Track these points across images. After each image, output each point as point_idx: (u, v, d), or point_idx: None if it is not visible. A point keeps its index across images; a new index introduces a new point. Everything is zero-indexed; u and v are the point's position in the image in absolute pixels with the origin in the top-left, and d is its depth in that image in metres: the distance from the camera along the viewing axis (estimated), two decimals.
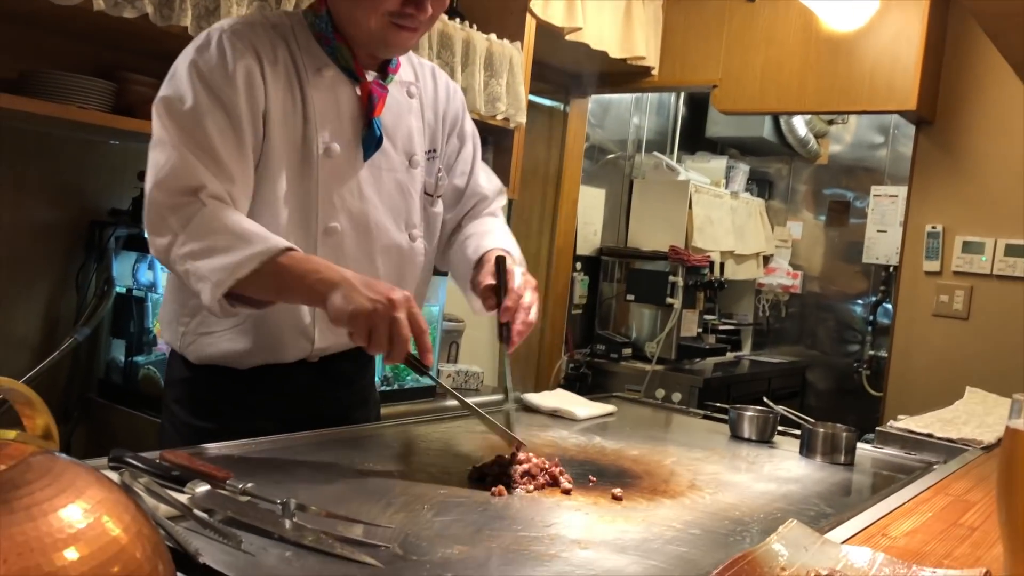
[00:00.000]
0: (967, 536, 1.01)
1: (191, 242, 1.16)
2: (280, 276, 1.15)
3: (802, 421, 1.53)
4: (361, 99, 1.33)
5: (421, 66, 1.48)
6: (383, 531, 0.89)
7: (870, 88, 3.18)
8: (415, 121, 1.42)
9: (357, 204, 1.34)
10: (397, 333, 1.09)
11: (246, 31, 1.26)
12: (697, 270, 3.92)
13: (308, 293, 1.15)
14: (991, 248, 3.20)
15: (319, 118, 1.29)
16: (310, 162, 1.29)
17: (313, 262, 1.17)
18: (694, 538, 0.98)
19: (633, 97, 4.32)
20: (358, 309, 1.09)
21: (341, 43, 1.32)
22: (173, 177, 1.19)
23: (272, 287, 1.17)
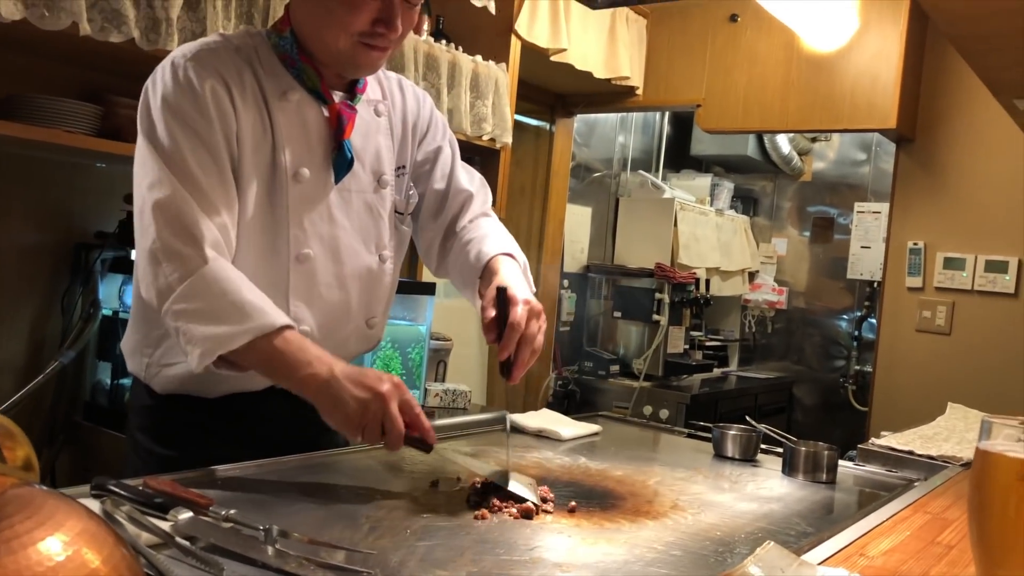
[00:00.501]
0: (944, 555, 1.02)
1: (186, 301, 1.14)
2: (271, 359, 1.13)
3: (784, 439, 1.54)
4: (330, 121, 1.31)
5: (388, 79, 1.45)
6: (365, 557, 0.89)
7: (851, 107, 3.22)
8: (384, 140, 1.39)
9: (327, 229, 1.32)
10: (392, 428, 1.09)
11: (209, 57, 1.24)
12: (683, 287, 3.94)
13: (298, 386, 1.13)
14: (972, 264, 3.24)
15: (288, 143, 1.27)
16: (280, 188, 1.27)
17: (305, 350, 1.14)
18: (675, 560, 0.98)
19: (618, 116, 4.36)
20: (349, 413, 1.09)
21: (307, 64, 1.29)
22: (170, 213, 1.16)
23: (261, 366, 1.15)
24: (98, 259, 2.14)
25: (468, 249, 1.41)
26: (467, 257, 1.40)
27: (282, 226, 1.27)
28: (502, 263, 1.35)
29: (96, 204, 2.22)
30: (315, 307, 1.32)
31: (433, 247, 1.50)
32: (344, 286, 1.35)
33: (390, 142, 1.41)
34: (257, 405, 1.34)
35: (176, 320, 1.15)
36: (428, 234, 1.50)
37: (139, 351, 1.34)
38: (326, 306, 1.34)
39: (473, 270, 1.38)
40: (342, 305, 1.36)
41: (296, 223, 1.28)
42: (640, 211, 4.23)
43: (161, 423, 1.34)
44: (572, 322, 4.12)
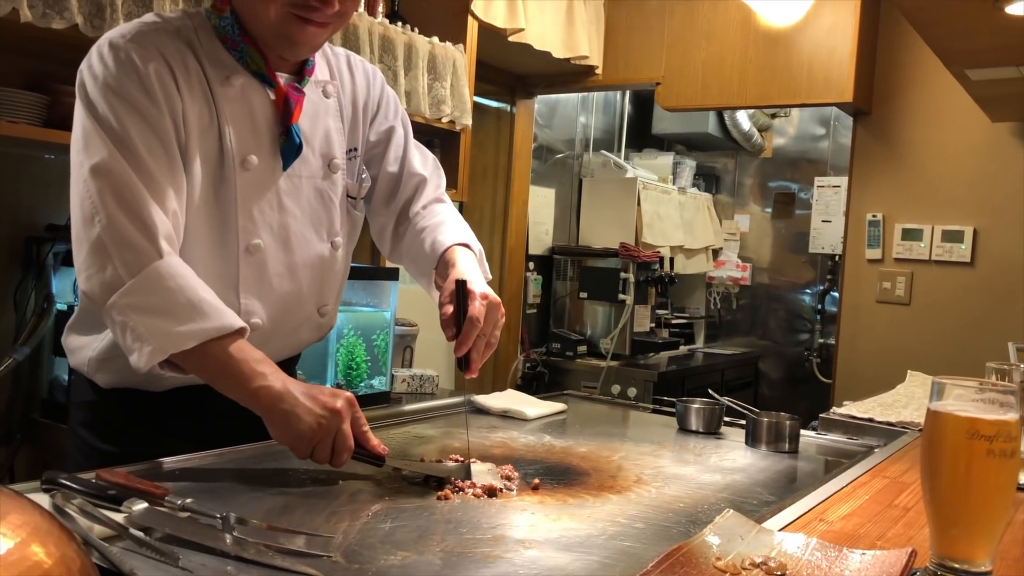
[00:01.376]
0: (901, 517, 1.04)
1: (137, 295, 1.08)
2: (223, 365, 1.09)
3: (747, 411, 1.55)
4: (276, 105, 1.25)
5: (336, 57, 1.40)
6: (325, 540, 0.88)
7: (808, 81, 3.25)
8: (333, 122, 1.34)
9: (277, 217, 1.27)
10: (341, 446, 1.08)
11: (150, 38, 1.17)
12: (648, 266, 3.96)
13: (248, 397, 1.09)
14: (929, 234, 3.29)
15: (234, 129, 1.21)
16: (227, 177, 1.21)
17: (260, 361, 1.10)
18: (638, 532, 0.99)
19: (579, 96, 4.36)
20: (301, 431, 1.07)
21: (250, 46, 1.22)
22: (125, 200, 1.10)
23: (209, 371, 1.11)
24: (50, 252, 2.09)
25: (423, 237, 1.38)
26: (421, 246, 1.38)
27: (230, 216, 1.22)
28: (459, 254, 1.32)
29: (46, 196, 2.17)
30: (266, 299, 1.28)
31: (386, 232, 1.47)
32: (295, 276, 1.31)
33: (340, 124, 1.36)
34: (205, 398, 1.28)
35: (123, 314, 1.08)
36: (381, 219, 1.47)
37: (83, 344, 1.29)
38: (277, 297, 1.29)
39: (428, 259, 1.35)
40: (293, 295, 1.32)
41: (245, 213, 1.23)
42: (603, 191, 4.23)
43: (105, 418, 1.30)
44: (539, 304, 4.12)
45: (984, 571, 0.78)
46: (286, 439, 1.09)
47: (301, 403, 1.07)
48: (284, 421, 1.08)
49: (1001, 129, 3.17)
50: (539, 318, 4.16)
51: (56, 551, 0.60)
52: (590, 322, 4.08)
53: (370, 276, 2.79)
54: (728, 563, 0.77)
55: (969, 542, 0.77)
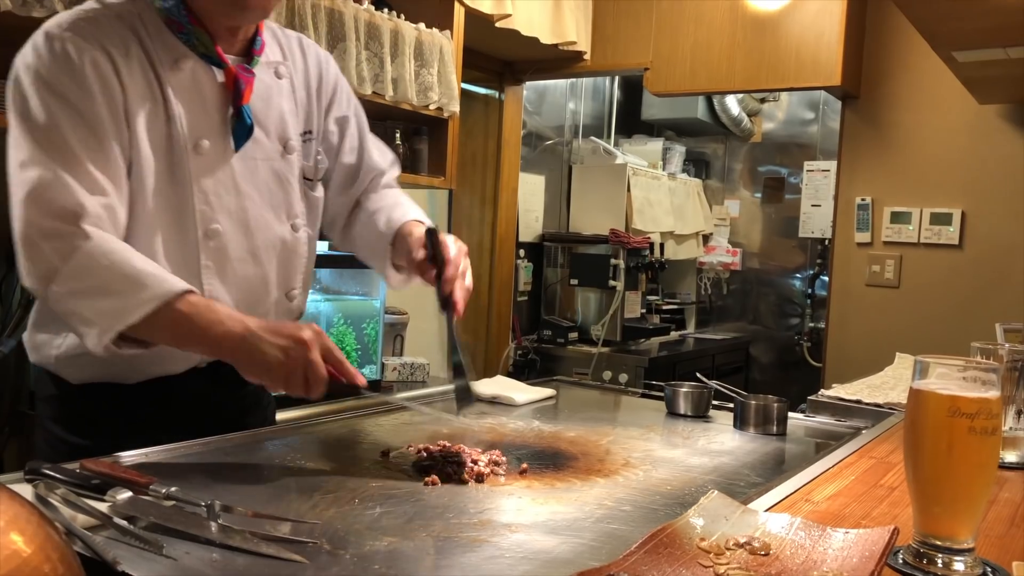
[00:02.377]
0: (886, 496, 1.05)
1: (73, 280, 1.07)
2: (178, 325, 1.08)
3: (735, 394, 1.56)
4: (226, 86, 1.23)
5: (287, 39, 1.38)
6: (311, 527, 0.88)
7: (796, 65, 3.24)
8: (286, 103, 1.32)
9: (235, 201, 1.25)
10: (314, 376, 1.06)
11: (88, 27, 1.14)
12: (638, 252, 3.96)
13: (212, 347, 1.09)
14: (917, 217, 3.30)
15: (184, 113, 1.19)
16: (180, 161, 1.19)
17: (213, 310, 1.09)
18: (625, 515, 0.99)
19: (568, 83, 4.34)
20: (269, 364, 1.05)
21: (197, 27, 1.20)
22: (46, 195, 1.08)
23: (168, 335, 1.10)
24: None
25: (376, 218, 1.39)
26: (375, 225, 1.38)
27: (187, 202, 1.21)
28: (415, 227, 1.33)
29: None
30: (230, 283, 1.26)
31: (338, 220, 1.47)
32: (259, 259, 1.29)
33: (293, 105, 1.34)
34: (178, 388, 1.28)
35: (65, 303, 1.08)
36: (333, 208, 1.46)
37: (46, 342, 1.26)
38: (242, 281, 1.28)
39: (383, 237, 1.36)
40: (259, 279, 1.31)
41: (201, 197, 1.21)
42: (593, 178, 4.23)
43: (76, 412, 1.27)
44: (529, 291, 4.12)
45: (967, 548, 0.78)
46: (256, 375, 1.08)
47: (264, 338, 1.06)
48: (250, 358, 1.07)
49: (989, 111, 3.18)
50: (530, 305, 4.16)
51: (36, 540, 0.59)
52: (581, 309, 4.08)
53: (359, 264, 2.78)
54: (712, 543, 0.77)
55: (952, 519, 0.78)
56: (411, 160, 2.83)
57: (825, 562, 0.73)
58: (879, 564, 0.69)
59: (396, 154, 2.75)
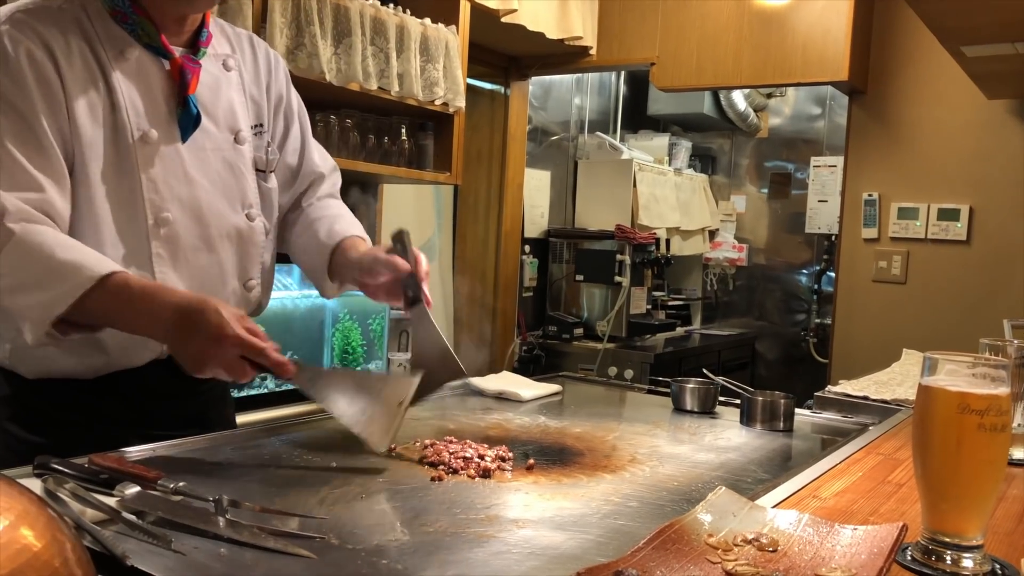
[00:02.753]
0: (894, 492, 1.04)
1: (2, 277, 1.08)
2: (108, 310, 1.10)
3: (741, 391, 1.56)
4: (172, 76, 1.23)
5: (237, 36, 1.38)
6: (319, 523, 0.88)
7: (803, 60, 3.23)
8: (236, 95, 1.33)
9: (186, 190, 1.24)
10: (240, 372, 1.08)
11: (27, 20, 1.14)
12: (644, 247, 3.95)
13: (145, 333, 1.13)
14: (924, 213, 3.29)
15: (129, 104, 1.19)
16: (126, 152, 1.19)
17: (143, 295, 1.10)
18: (632, 511, 0.99)
19: (574, 78, 4.33)
20: (194, 369, 1.08)
21: (142, 17, 1.20)
22: None
23: (102, 319, 1.12)
24: None
25: (317, 227, 1.41)
26: (315, 234, 1.40)
27: (136, 192, 1.20)
28: (359, 244, 1.37)
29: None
30: (183, 272, 1.26)
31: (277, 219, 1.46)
32: (213, 248, 1.29)
33: (243, 97, 1.35)
34: (137, 381, 1.27)
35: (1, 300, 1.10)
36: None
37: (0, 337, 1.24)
38: (196, 270, 1.27)
39: (322, 246, 1.39)
40: (214, 268, 1.30)
41: (150, 187, 1.21)
42: (599, 173, 4.22)
43: (30, 410, 1.25)
44: (535, 287, 4.12)
45: (975, 545, 0.78)
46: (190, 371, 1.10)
47: (181, 340, 1.08)
48: (180, 356, 1.10)
49: (997, 106, 3.16)
50: (535, 301, 4.16)
51: (46, 534, 0.60)
52: (586, 305, 4.07)
53: None
54: (720, 540, 0.77)
55: (960, 516, 0.77)
56: (416, 156, 2.82)
57: (834, 559, 0.73)
58: (888, 561, 0.69)
59: (402, 150, 2.77)
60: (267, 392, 2.40)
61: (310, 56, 2.31)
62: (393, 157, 2.73)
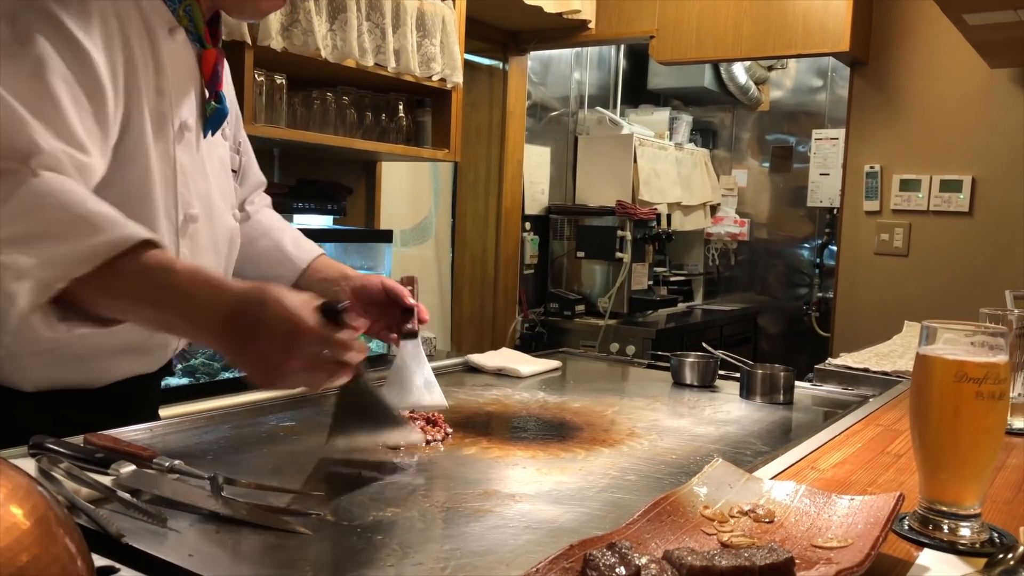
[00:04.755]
0: (892, 463, 1.04)
1: (9, 224, 0.86)
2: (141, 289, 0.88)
3: (741, 364, 1.55)
4: (204, 67, 1.14)
5: None
6: (315, 498, 0.88)
7: (804, 31, 3.19)
8: (228, 88, 1.26)
9: (203, 187, 1.16)
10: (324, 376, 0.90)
11: None
12: (645, 223, 3.94)
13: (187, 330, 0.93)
14: (927, 185, 3.27)
15: (173, 89, 1.08)
16: (166, 139, 1.08)
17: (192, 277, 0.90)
18: (629, 484, 0.99)
19: (573, 52, 4.30)
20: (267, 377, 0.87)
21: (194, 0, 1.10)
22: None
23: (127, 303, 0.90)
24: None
25: (278, 236, 1.37)
26: (277, 243, 1.35)
27: (170, 184, 1.10)
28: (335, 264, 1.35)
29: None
30: None
31: None
32: (219, 250, 1.22)
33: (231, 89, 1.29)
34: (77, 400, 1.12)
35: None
36: None
37: None
38: None
39: (290, 258, 1.34)
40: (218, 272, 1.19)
41: (182, 181, 1.11)
42: (599, 149, 4.19)
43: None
44: (536, 264, 4.11)
45: (973, 513, 0.77)
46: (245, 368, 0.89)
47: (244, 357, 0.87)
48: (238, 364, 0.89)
49: (1000, 75, 3.13)
50: (536, 278, 4.15)
51: (35, 512, 0.59)
52: (587, 281, 4.07)
53: (364, 239, 2.78)
54: (716, 511, 0.77)
55: (958, 485, 0.77)
56: (415, 133, 2.81)
57: (830, 529, 0.73)
58: (884, 530, 0.68)
59: (399, 127, 2.75)
60: None
61: (305, 33, 2.29)
62: (391, 134, 2.71)
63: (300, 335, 0.85)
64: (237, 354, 0.88)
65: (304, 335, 0.85)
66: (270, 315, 0.85)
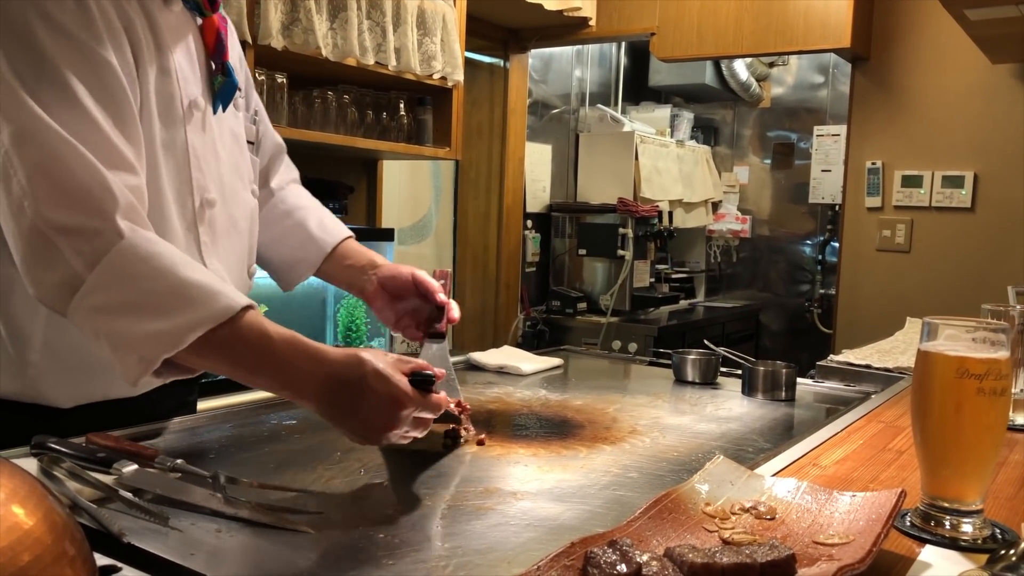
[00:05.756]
0: (894, 460, 1.04)
1: (103, 291, 0.85)
2: (237, 354, 0.88)
3: (743, 361, 1.55)
4: (207, 38, 1.08)
5: None
6: (317, 497, 0.88)
7: (805, 27, 3.19)
8: (234, 52, 1.18)
9: (215, 166, 1.10)
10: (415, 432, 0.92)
11: None
12: (646, 221, 3.94)
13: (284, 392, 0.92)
14: (929, 181, 3.26)
15: (178, 66, 1.03)
16: (176, 124, 1.03)
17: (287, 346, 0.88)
18: (631, 481, 0.99)
19: (574, 50, 4.29)
20: (369, 438, 0.91)
21: None
22: (58, 172, 0.86)
23: (223, 363, 0.89)
24: None
25: (302, 216, 1.29)
26: (301, 224, 1.28)
27: (183, 168, 1.05)
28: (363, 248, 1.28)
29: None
30: (224, 263, 1.13)
31: None
32: (239, 231, 1.16)
33: (240, 52, 1.22)
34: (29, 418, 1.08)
35: (92, 320, 0.86)
36: None
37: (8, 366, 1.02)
38: (230, 257, 1.15)
39: (315, 241, 1.27)
40: (240, 254, 1.19)
41: (196, 164, 1.06)
42: (600, 146, 4.19)
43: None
44: (537, 262, 4.11)
45: (975, 510, 0.77)
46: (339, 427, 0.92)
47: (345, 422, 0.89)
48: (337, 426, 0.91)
49: (1001, 71, 3.12)
50: (538, 276, 4.15)
51: (37, 512, 0.59)
52: (589, 279, 4.07)
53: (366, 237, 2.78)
54: (717, 508, 0.77)
55: (960, 481, 0.77)
56: (416, 131, 2.81)
57: (832, 525, 0.73)
58: (886, 526, 0.68)
59: (400, 125, 2.75)
60: None
61: (306, 32, 2.29)
62: (392, 133, 2.71)
63: (401, 408, 0.88)
64: (336, 420, 0.90)
65: (405, 407, 0.88)
66: (370, 388, 0.87)
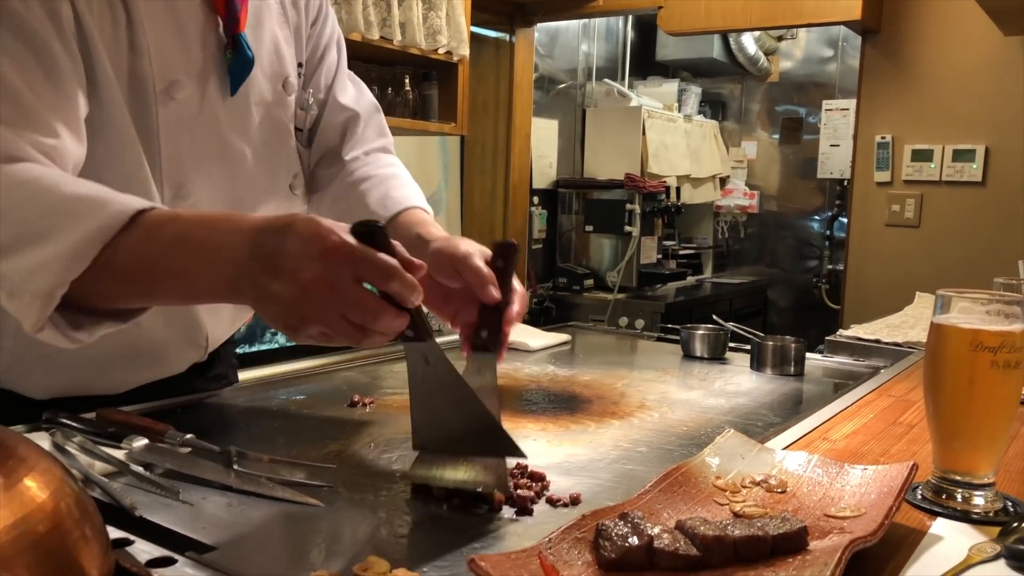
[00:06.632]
0: (905, 434, 1.04)
1: None
2: (150, 259, 0.75)
3: (751, 335, 1.54)
4: (216, 8, 0.95)
5: None
6: (327, 471, 0.88)
7: (814, 0, 3.15)
8: (279, 27, 1.04)
9: (218, 162, 0.99)
10: (363, 310, 0.69)
11: None
12: (654, 196, 3.92)
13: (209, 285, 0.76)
14: (939, 155, 3.23)
15: (154, 45, 0.90)
16: (145, 110, 0.91)
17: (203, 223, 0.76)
18: (640, 456, 0.99)
19: (580, 24, 4.26)
20: (292, 316, 0.70)
21: None
22: None
23: (141, 281, 0.77)
24: None
25: (364, 189, 1.12)
26: (361, 199, 1.12)
27: (154, 156, 0.93)
28: (426, 220, 1.08)
29: None
30: None
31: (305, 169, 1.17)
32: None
33: (288, 31, 1.06)
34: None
35: None
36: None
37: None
38: None
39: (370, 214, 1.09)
40: None
41: (171, 160, 0.94)
42: (607, 121, 4.17)
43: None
44: (544, 239, 4.10)
45: (987, 483, 0.77)
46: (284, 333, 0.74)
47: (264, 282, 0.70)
48: (260, 309, 0.73)
49: (1014, 43, 3.08)
50: (545, 253, 4.14)
51: (50, 485, 0.60)
52: (596, 255, 4.06)
53: None
54: (728, 482, 0.76)
55: (972, 454, 0.77)
56: (421, 106, 2.79)
57: (843, 498, 0.73)
58: (898, 499, 0.68)
59: (405, 100, 2.73)
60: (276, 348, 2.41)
61: None
62: (397, 108, 2.70)
63: (336, 255, 0.68)
64: (261, 295, 0.71)
65: (335, 251, 0.68)
66: (297, 235, 0.69)
